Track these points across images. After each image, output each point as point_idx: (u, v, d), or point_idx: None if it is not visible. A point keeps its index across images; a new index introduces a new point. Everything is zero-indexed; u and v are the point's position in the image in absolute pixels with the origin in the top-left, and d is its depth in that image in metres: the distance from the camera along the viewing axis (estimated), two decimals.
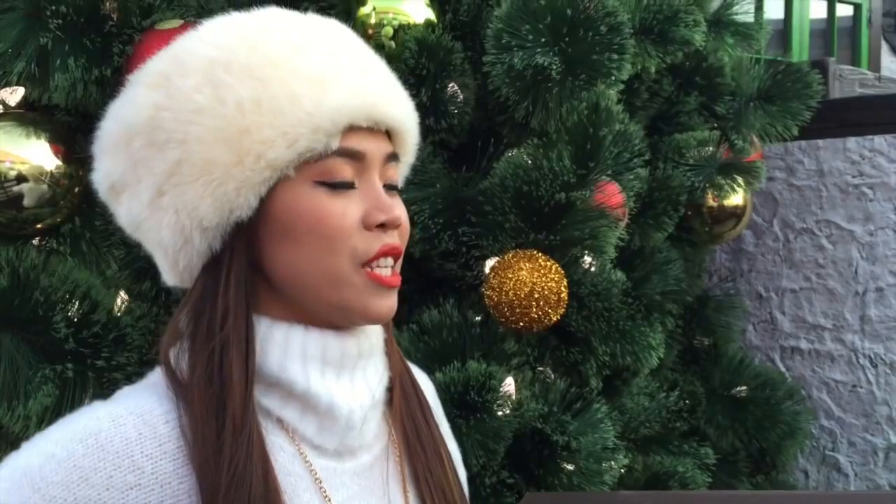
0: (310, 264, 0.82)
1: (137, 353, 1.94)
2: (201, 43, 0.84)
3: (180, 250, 0.82)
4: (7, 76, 1.90)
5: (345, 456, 0.85)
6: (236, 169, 0.79)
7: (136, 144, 0.82)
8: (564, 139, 2.08)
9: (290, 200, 0.81)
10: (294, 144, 0.79)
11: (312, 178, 0.82)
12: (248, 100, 0.79)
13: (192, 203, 0.80)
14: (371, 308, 0.83)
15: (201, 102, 0.80)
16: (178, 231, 0.81)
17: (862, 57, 5.40)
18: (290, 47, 0.83)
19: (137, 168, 0.82)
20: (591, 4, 2.01)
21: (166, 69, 0.83)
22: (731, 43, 2.70)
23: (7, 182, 1.94)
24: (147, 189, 0.82)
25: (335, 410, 0.83)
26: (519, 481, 2.03)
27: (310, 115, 0.80)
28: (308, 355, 0.83)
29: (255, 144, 0.79)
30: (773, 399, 2.85)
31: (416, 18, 2.14)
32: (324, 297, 0.83)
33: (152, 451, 0.77)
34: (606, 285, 2.12)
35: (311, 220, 0.81)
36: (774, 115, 2.70)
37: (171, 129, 0.80)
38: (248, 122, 0.79)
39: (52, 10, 1.87)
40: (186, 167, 0.80)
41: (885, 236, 3.23)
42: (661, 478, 2.39)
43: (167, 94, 0.82)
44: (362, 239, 0.83)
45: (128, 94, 0.86)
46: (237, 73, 0.80)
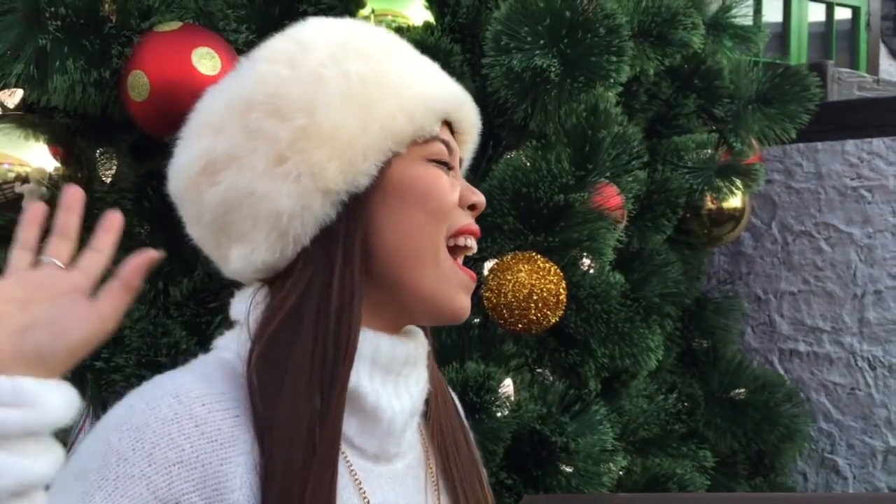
0: (418, 235, 0.85)
1: (136, 354, 1.93)
2: (318, 28, 0.89)
3: (296, 217, 0.82)
4: (6, 78, 1.90)
5: (381, 460, 0.86)
6: (363, 135, 0.83)
7: (254, 116, 0.83)
8: (563, 141, 2.08)
9: (405, 171, 0.86)
10: (412, 120, 0.85)
11: (422, 156, 0.87)
12: (371, 75, 0.84)
13: (319, 166, 0.82)
14: (455, 302, 0.88)
15: (327, 76, 0.83)
16: (297, 195, 0.82)
17: (860, 60, 5.41)
18: (388, 42, 0.90)
19: (253, 139, 0.83)
20: (589, 6, 2.02)
21: (289, 48, 0.87)
22: (730, 46, 2.70)
23: (6, 184, 1.94)
24: (264, 158, 0.83)
25: (379, 412, 0.84)
26: (517, 483, 2.03)
27: (422, 97, 0.86)
28: (360, 355, 0.83)
29: (379, 116, 0.83)
30: (772, 401, 2.85)
31: (415, 20, 2.14)
32: (422, 278, 0.86)
33: (190, 432, 0.76)
34: (605, 287, 2.12)
35: (425, 188, 0.86)
36: (773, 117, 2.70)
37: (298, 97, 0.83)
38: (372, 94, 0.83)
39: (50, 12, 1.87)
40: (314, 132, 0.82)
41: (884, 239, 3.23)
42: (660, 480, 2.39)
43: (292, 66, 0.85)
44: (456, 214, 0.88)
45: (242, 71, 0.88)
46: (354, 55, 0.85)
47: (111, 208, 0.83)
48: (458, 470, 0.92)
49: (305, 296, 0.82)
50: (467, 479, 0.92)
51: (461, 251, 0.90)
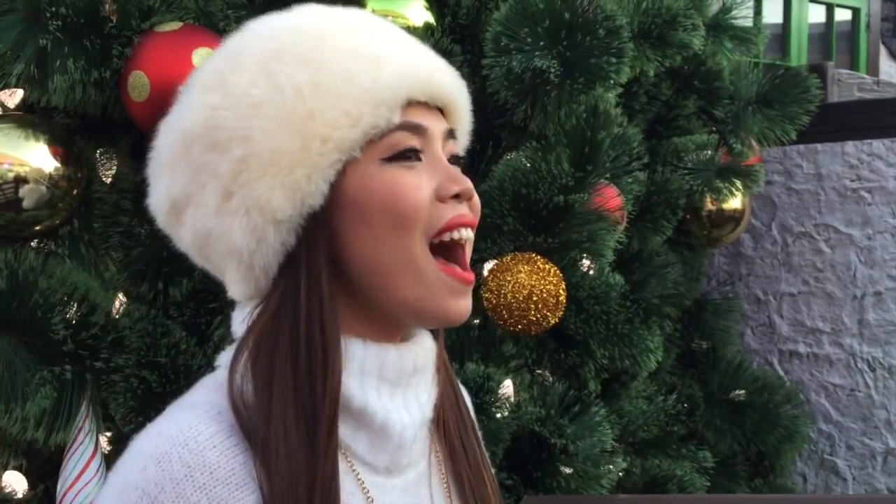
0: (386, 249, 0.79)
1: (135, 355, 1.94)
2: (251, 37, 0.83)
3: (255, 252, 0.79)
4: (6, 78, 1.90)
5: (394, 473, 0.85)
6: (303, 155, 0.77)
7: (196, 150, 0.80)
8: (563, 142, 2.08)
9: (361, 181, 0.79)
10: (358, 122, 0.78)
11: (379, 157, 0.80)
12: (306, 84, 0.78)
13: (263, 197, 0.78)
14: (447, 308, 0.82)
15: (259, 96, 0.78)
16: (250, 231, 0.79)
17: (860, 61, 5.41)
18: (339, 30, 0.82)
19: (200, 175, 0.80)
20: (589, 8, 2.02)
21: (219, 68, 0.82)
22: (730, 47, 2.70)
23: (6, 184, 1.94)
24: (213, 195, 0.80)
25: (389, 428, 0.82)
26: (517, 483, 2.03)
27: (369, 92, 0.79)
28: (366, 371, 0.81)
29: (319, 128, 0.78)
30: (772, 403, 2.85)
31: (415, 21, 2.14)
32: (403, 294, 0.81)
33: (204, 482, 0.75)
34: (605, 288, 2.12)
35: (384, 197, 0.79)
36: (773, 118, 2.70)
37: (233, 126, 0.79)
38: (309, 106, 0.78)
39: (51, 12, 1.88)
40: (253, 162, 0.78)
41: (884, 240, 3.23)
42: (660, 481, 2.39)
43: (223, 93, 0.80)
44: (435, 211, 0.81)
45: (181, 103, 0.84)
46: (290, 60, 0.79)
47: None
48: (468, 472, 0.90)
49: (277, 325, 0.79)
50: (477, 481, 0.91)
51: (455, 246, 0.83)
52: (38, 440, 1.85)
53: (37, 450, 1.92)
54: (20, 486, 2.05)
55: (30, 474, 2.07)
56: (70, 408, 1.86)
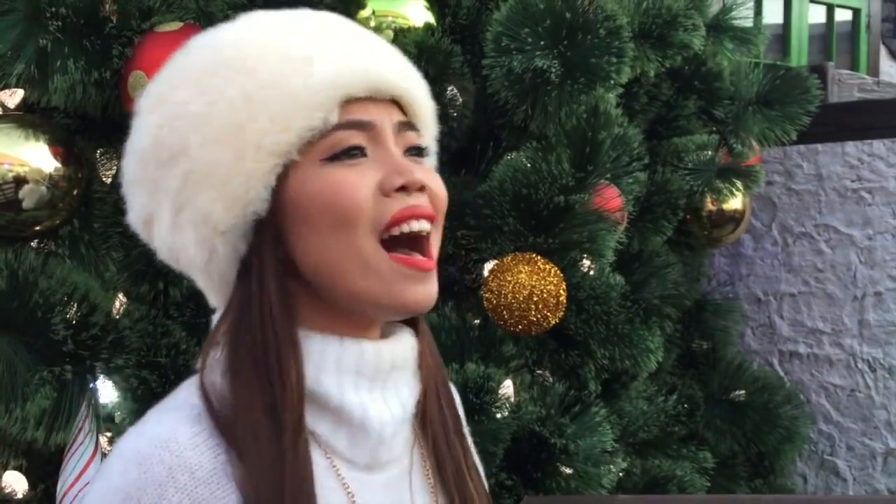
0: (333, 250, 0.80)
1: (136, 355, 1.94)
2: (188, 55, 0.85)
3: (209, 263, 0.82)
4: (6, 78, 1.90)
5: (375, 469, 0.85)
6: (239, 164, 0.78)
7: (150, 169, 0.82)
8: (563, 142, 2.08)
9: (301, 184, 0.79)
10: (290, 126, 0.78)
11: (319, 157, 0.80)
12: (238, 96, 0.79)
13: (206, 210, 0.79)
14: (404, 297, 0.80)
15: (195, 111, 0.80)
16: (201, 244, 0.81)
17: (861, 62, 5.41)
18: (276, 37, 0.82)
19: (156, 193, 0.82)
20: (590, 8, 2.02)
21: (160, 89, 0.84)
22: (730, 47, 2.70)
23: (6, 184, 1.94)
24: (167, 210, 0.82)
25: (368, 424, 0.82)
26: (517, 484, 2.03)
27: (300, 95, 0.79)
28: (343, 368, 0.81)
29: (251, 136, 0.78)
30: (772, 403, 2.85)
31: (416, 21, 2.14)
32: (358, 291, 0.80)
33: (186, 483, 0.75)
34: (605, 289, 2.12)
35: (323, 198, 0.79)
36: (773, 119, 2.70)
37: (172, 143, 0.80)
38: (241, 116, 0.79)
39: (51, 13, 1.88)
40: (194, 176, 0.80)
41: (884, 241, 3.23)
42: (660, 481, 2.39)
43: (163, 112, 0.82)
44: (380, 206, 0.80)
45: (134, 126, 0.86)
46: (223, 73, 0.80)
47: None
48: (453, 469, 0.90)
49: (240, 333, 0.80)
50: (459, 477, 0.90)
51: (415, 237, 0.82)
52: (38, 440, 1.85)
53: (37, 450, 1.92)
54: (20, 487, 2.05)
55: (30, 474, 2.06)
56: (70, 408, 1.86)
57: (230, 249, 0.81)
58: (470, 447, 0.96)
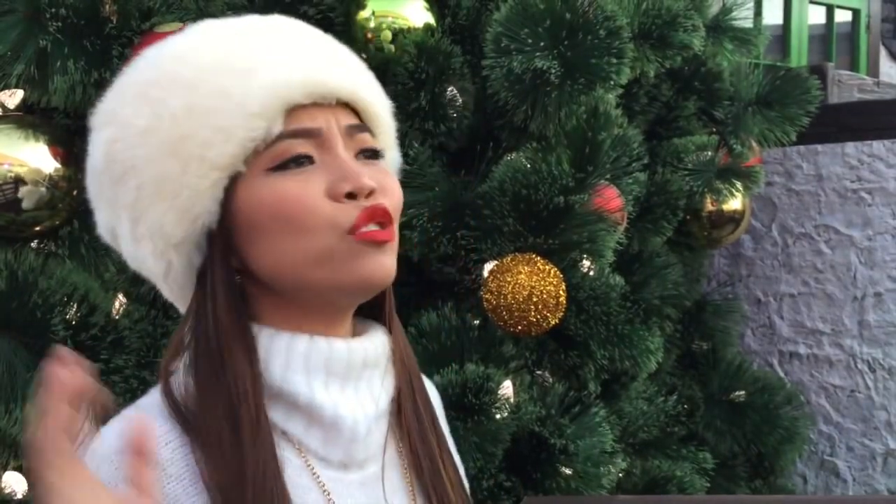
0: (286, 253, 0.80)
1: (135, 355, 1.94)
2: (135, 70, 0.85)
3: (167, 274, 0.84)
4: (6, 79, 1.90)
5: (351, 467, 0.84)
6: (185, 178, 0.79)
7: (105, 185, 0.84)
8: (563, 143, 2.08)
9: (248, 195, 0.80)
10: (231, 138, 0.78)
11: (265, 167, 0.79)
12: (181, 108, 0.79)
13: (158, 223, 0.81)
14: (364, 271, 0.80)
15: (142, 125, 0.80)
16: (158, 256, 0.82)
17: (861, 62, 5.41)
18: (221, 49, 0.83)
19: (115, 208, 0.84)
20: (589, 8, 2.02)
21: (110, 106, 0.85)
22: (730, 48, 2.70)
23: (6, 185, 1.94)
24: (125, 224, 0.83)
25: (339, 422, 0.82)
26: (516, 484, 2.03)
27: (241, 105, 0.79)
28: (311, 366, 0.81)
29: (194, 148, 0.79)
30: (772, 404, 2.85)
31: (415, 22, 2.14)
32: (317, 280, 0.80)
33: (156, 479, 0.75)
34: (605, 289, 2.12)
35: (271, 207, 0.79)
36: (773, 120, 2.70)
37: (123, 158, 0.81)
38: (184, 129, 0.79)
39: (51, 13, 1.88)
40: (144, 189, 0.80)
41: (884, 241, 3.23)
42: (660, 482, 2.39)
43: (114, 127, 0.83)
44: (339, 210, 0.79)
45: (89, 142, 0.87)
46: (167, 86, 0.81)
47: None
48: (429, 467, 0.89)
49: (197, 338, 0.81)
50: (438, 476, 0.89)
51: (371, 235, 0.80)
52: None
53: None
54: (20, 487, 2.05)
55: (29, 475, 2.06)
56: None
57: (185, 261, 0.82)
58: (447, 444, 0.95)
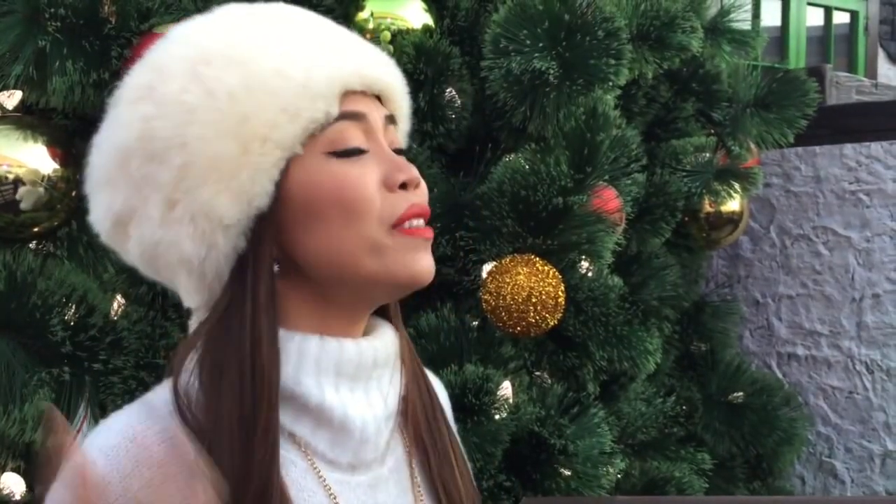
0: (342, 239, 0.79)
1: (134, 356, 1.93)
2: (175, 45, 0.82)
3: (206, 259, 0.79)
4: (5, 79, 1.90)
5: (359, 469, 0.83)
6: (244, 158, 0.77)
7: (135, 164, 0.79)
8: (562, 144, 2.08)
9: (305, 177, 0.79)
10: (296, 118, 0.77)
11: (323, 151, 0.79)
12: (239, 86, 0.77)
13: (209, 203, 0.77)
14: (417, 266, 0.81)
15: (192, 102, 0.77)
16: (199, 238, 0.78)
17: (859, 64, 5.42)
18: (266, 27, 0.81)
19: (142, 189, 0.79)
20: (588, 10, 2.02)
21: (146, 80, 0.81)
22: (728, 49, 2.71)
23: (4, 185, 1.94)
24: (156, 206, 0.79)
25: (349, 424, 0.81)
26: (516, 485, 2.03)
27: (304, 87, 0.78)
28: (322, 368, 0.80)
29: (257, 128, 0.77)
30: (770, 405, 2.85)
31: (414, 23, 2.14)
32: (366, 270, 0.80)
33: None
34: (604, 290, 2.12)
35: (332, 191, 0.79)
36: (771, 121, 2.70)
37: (168, 135, 0.77)
38: (245, 108, 0.77)
39: (50, 13, 1.88)
40: (193, 169, 0.77)
41: (882, 243, 3.23)
42: (658, 483, 2.39)
43: (154, 103, 0.79)
44: (388, 201, 0.80)
45: (111, 119, 0.83)
46: (219, 64, 0.78)
47: None
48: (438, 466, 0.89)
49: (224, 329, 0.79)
50: (449, 477, 0.89)
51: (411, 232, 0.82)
52: (36, 442, 1.84)
53: (35, 451, 1.92)
54: (18, 489, 2.05)
55: (28, 476, 2.06)
56: (68, 409, 1.86)
57: (231, 244, 0.79)
58: (457, 440, 0.94)
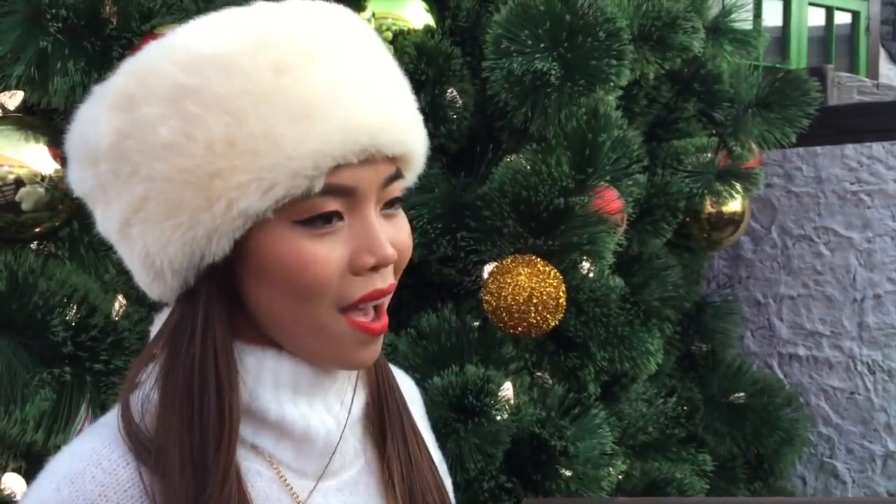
0: (288, 311, 0.76)
1: (135, 357, 1.93)
2: (170, 63, 0.73)
3: (153, 281, 0.77)
4: (6, 80, 1.90)
5: (326, 476, 0.83)
6: (205, 215, 0.72)
7: (102, 169, 0.75)
8: (563, 145, 2.08)
9: (267, 243, 0.74)
10: (270, 191, 0.71)
11: (293, 218, 0.73)
12: (221, 139, 0.70)
13: (160, 242, 0.74)
14: (352, 359, 0.79)
15: (168, 137, 0.71)
16: (148, 265, 0.76)
17: (860, 64, 5.42)
18: (274, 67, 0.72)
19: (107, 191, 0.76)
20: (589, 10, 2.02)
21: (131, 90, 0.74)
22: (730, 50, 2.70)
23: (5, 186, 1.94)
24: (116, 215, 0.76)
25: (311, 435, 0.80)
26: (516, 486, 2.03)
27: (289, 159, 0.71)
28: (280, 383, 0.79)
29: (226, 190, 0.71)
30: (771, 406, 2.85)
31: (415, 24, 2.14)
32: (303, 343, 0.78)
33: (118, 501, 0.74)
34: (605, 291, 2.12)
35: (289, 267, 0.74)
36: (772, 121, 2.70)
37: (136, 161, 0.73)
38: (220, 164, 0.71)
39: (51, 14, 1.88)
40: (152, 205, 0.73)
41: (883, 243, 3.23)
42: (659, 484, 2.39)
43: (131, 120, 0.73)
44: (347, 284, 0.76)
45: (92, 110, 0.77)
46: (209, 104, 0.71)
47: None
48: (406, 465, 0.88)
49: (175, 359, 0.76)
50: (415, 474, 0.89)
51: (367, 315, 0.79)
52: (37, 442, 1.84)
53: (36, 452, 1.92)
54: (19, 489, 2.05)
55: (29, 476, 2.06)
56: (69, 410, 1.86)
57: (178, 281, 0.76)
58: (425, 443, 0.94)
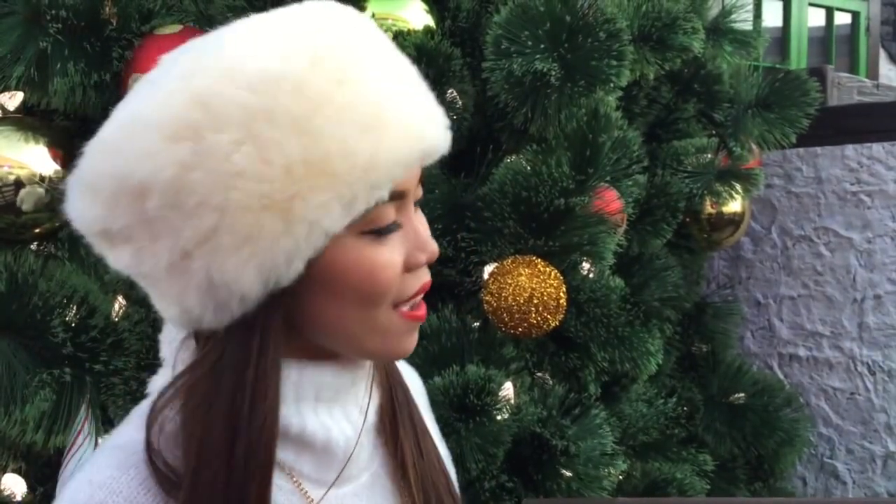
0: (353, 319, 0.77)
1: (135, 357, 1.93)
2: (234, 87, 0.69)
3: (207, 314, 0.73)
4: (6, 80, 1.90)
5: (344, 482, 0.84)
6: (285, 238, 0.70)
7: (153, 204, 0.70)
8: (563, 145, 2.08)
9: (336, 256, 0.74)
10: (351, 207, 0.71)
11: (359, 230, 0.74)
12: (298, 160, 0.69)
13: (232, 273, 0.70)
14: (404, 348, 0.82)
15: (242, 165, 0.68)
16: (210, 297, 0.72)
17: (860, 65, 5.42)
18: (338, 80, 0.71)
19: (154, 227, 0.71)
20: (589, 11, 2.02)
21: (194, 120, 0.69)
22: (730, 50, 2.71)
23: (5, 186, 1.94)
24: (167, 251, 0.71)
25: (332, 446, 0.81)
26: (517, 486, 2.03)
27: (366, 172, 0.71)
28: (301, 395, 0.79)
29: (307, 211, 0.70)
30: (772, 406, 2.85)
31: (415, 24, 2.14)
32: (367, 347, 0.80)
33: None
34: (605, 291, 2.12)
35: (359, 277, 0.75)
36: (772, 122, 2.70)
37: (205, 192, 0.69)
38: (299, 186, 0.69)
39: (51, 15, 1.88)
40: (226, 236, 0.70)
41: (883, 244, 3.23)
42: (660, 484, 2.39)
43: (196, 150, 0.69)
44: (404, 282, 0.79)
45: (136, 140, 0.71)
46: (283, 125, 0.69)
47: None
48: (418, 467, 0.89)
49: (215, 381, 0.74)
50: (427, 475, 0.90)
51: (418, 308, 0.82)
52: (37, 443, 1.84)
53: (36, 452, 1.92)
54: (19, 489, 2.05)
55: (29, 477, 2.06)
56: (69, 410, 1.86)
57: (241, 312, 0.73)
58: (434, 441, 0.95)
